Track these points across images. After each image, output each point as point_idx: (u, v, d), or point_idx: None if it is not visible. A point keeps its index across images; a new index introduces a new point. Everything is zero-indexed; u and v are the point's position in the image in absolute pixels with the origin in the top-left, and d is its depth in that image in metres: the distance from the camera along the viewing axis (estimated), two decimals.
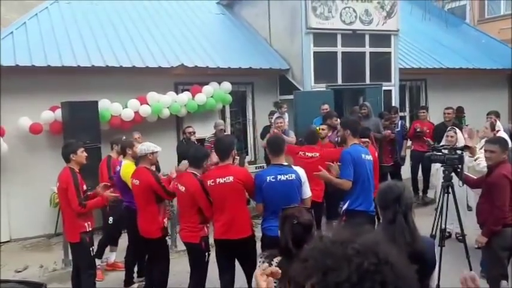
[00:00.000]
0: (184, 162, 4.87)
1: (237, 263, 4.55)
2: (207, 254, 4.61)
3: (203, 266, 4.64)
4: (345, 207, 4.71)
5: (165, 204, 5.27)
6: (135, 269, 5.72)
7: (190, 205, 4.49)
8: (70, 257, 6.06)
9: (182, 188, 4.51)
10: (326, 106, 7.96)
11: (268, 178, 4.10)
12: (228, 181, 4.20)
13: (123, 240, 6.28)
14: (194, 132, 7.80)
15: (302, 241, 2.32)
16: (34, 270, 6.23)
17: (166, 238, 5.21)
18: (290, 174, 4.12)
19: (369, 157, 4.81)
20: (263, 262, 2.51)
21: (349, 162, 4.59)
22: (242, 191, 4.29)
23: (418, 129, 8.57)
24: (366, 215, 4.63)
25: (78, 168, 4.84)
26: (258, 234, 7.40)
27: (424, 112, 9.13)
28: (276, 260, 2.42)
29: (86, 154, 4.94)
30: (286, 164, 4.26)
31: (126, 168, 5.36)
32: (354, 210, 4.62)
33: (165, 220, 5.04)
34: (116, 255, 6.27)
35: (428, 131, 8.61)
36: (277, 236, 2.50)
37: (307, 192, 4.24)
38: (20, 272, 6.21)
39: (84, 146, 5.09)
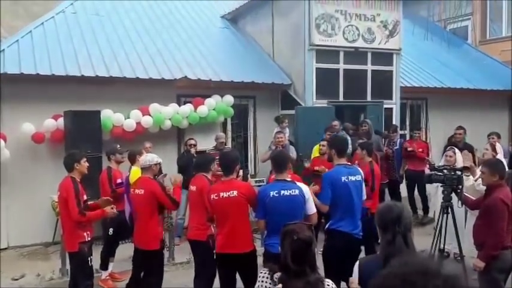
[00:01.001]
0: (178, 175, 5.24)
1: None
2: (214, 252, 4.67)
3: (212, 264, 4.70)
4: (326, 226, 4.71)
5: (164, 215, 5.30)
6: None
7: (200, 203, 4.69)
8: (67, 267, 6.07)
9: (193, 188, 4.80)
10: (336, 123, 7.97)
11: (271, 193, 4.09)
12: (231, 195, 4.23)
13: (120, 251, 6.30)
14: (195, 145, 7.80)
15: (301, 258, 2.32)
16: (31, 279, 6.22)
17: (163, 251, 5.22)
18: (293, 190, 4.11)
19: (355, 177, 4.64)
20: (263, 277, 2.51)
21: (327, 186, 4.56)
22: (245, 205, 4.32)
23: (408, 149, 8.55)
24: (348, 236, 4.56)
25: (80, 177, 4.85)
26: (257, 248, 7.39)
27: (418, 133, 9.17)
28: (276, 275, 2.42)
29: (88, 164, 4.95)
30: (289, 179, 4.26)
31: (135, 173, 5.43)
32: (334, 230, 4.57)
33: (162, 232, 5.10)
34: (113, 265, 6.26)
35: (421, 150, 8.60)
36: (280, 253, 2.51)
37: (312, 208, 4.22)
38: (16, 279, 6.20)
39: (86, 155, 5.10)
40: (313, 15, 8.76)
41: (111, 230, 6.02)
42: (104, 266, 6.07)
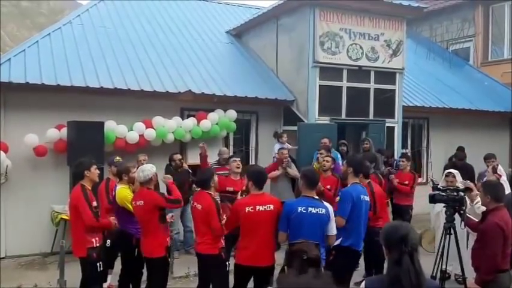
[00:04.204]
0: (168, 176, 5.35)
1: None
2: (227, 263, 4.76)
3: (225, 276, 4.76)
4: (336, 243, 4.69)
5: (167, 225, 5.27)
6: None
7: (207, 222, 4.65)
8: (65, 278, 6.03)
9: (199, 206, 4.73)
10: (325, 140, 7.98)
11: (299, 208, 4.15)
12: (268, 209, 4.30)
13: (119, 263, 6.23)
14: (182, 159, 7.74)
15: None
16: None
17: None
18: (321, 208, 4.18)
19: (367, 198, 4.88)
20: None
21: (349, 201, 4.65)
22: (277, 219, 4.37)
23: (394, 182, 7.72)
24: (355, 253, 4.72)
25: (91, 185, 4.93)
26: None
27: (404, 161, 7.88)
28: None
29: (98, 172, 5.04)
30: (317, 198, 4.32)
31: (121, 192, 5.38)
32: (345, 247, 4.65)
33: (168, 239, 5.10)
34: (112, 278, 6.20)
35: (406, 182, 7.66)
36: None
37: (333, 229, 4.29)
38: None
39: (96, 163, 5.11)
40: (317, 33, 8.84)
41: (108, 242, 5.96)
42: (103, 278, 6.00)
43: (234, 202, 4.69)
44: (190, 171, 7.68)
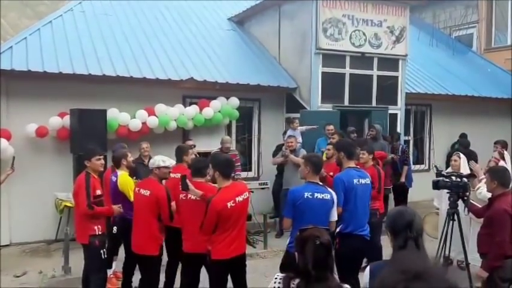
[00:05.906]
0: None
1: None
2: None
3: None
4: (337, 230, 4.71)
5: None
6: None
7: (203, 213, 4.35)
8: (70, 264, 6.10)
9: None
10: (331, 127, 7.96)
11: (305, 194, 4.17)
12: (245, 197, 4.25)
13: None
14: (194, 146, 7.69)
15: (323, 262, 2.29)
16: (33, 276, 6.19)
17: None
18: (326, 194, 4.23)
19: (364, 181, 4.75)
20: (277, 283, 2.47)
21: (340, 189, 4.59)
22: None
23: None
24: (359, 238, 4.69)
25: (96, 173, 4.92)
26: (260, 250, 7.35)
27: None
28: (293, 282, 2.37)
29: (103, 162, 4.99)
30: (321, 183, 4.34)
31: (123, 178, 5.36)
32: (346, 233, 4.65)
33: (163, 238, 4.97)
34: (116, 264, 6.24)
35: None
36: None
37: (335, 215, 4.34)
38: (18, 277, 6.18)
39: (100, 153, 5.06)
40: (320, 19, 8.77)
41: (115, 229, 5.98)
42: (108, 264, 6.04)
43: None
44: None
